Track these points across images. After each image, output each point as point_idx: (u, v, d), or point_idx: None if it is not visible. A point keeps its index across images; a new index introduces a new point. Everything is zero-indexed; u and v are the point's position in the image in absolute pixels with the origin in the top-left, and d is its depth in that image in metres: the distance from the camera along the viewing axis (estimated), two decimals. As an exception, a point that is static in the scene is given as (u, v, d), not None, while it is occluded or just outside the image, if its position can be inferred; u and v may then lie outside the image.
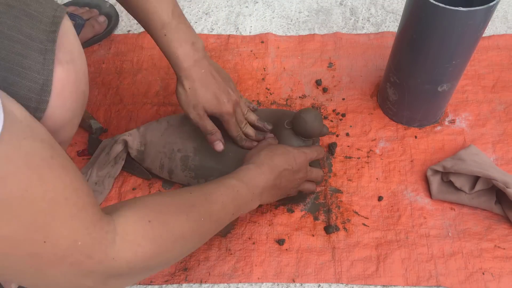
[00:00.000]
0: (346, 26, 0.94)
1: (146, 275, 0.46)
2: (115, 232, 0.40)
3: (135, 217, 0.43)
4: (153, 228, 0.43)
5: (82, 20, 0.88)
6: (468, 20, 0.58)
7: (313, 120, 0.66)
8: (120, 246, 0.40)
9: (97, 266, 0.38)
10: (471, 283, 0.63)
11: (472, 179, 0.68)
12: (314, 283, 0.65)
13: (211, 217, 0.51)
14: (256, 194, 0.58)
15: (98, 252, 0.38)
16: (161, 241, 0.44)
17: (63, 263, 0.36)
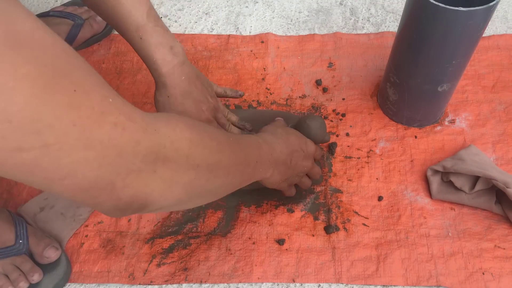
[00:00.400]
0: (346, 26, 0.94)
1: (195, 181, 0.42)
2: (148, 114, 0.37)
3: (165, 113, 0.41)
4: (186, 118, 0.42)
5: (81, 20, 0.88)
6: (468, 20, 0.58)
7: (318, 127, 0.67)
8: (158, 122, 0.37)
9: (142, 134, 0.35)
10: (471, 283, 0.63)
11: (472, 179, 0.68)
12: (314, 283, 0.65)
13: (240, 145, 0.50)
14: (273, 158, 0.57)
15: (138, 117, 0.35)
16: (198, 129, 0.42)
17: (104, 120, 0.32)
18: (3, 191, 0.73)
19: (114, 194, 0.35)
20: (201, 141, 0.42)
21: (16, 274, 0.63)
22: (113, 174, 0.34)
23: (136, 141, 0.35)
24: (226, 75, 0.86)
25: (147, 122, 0.36)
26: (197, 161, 0.41)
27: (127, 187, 0.35)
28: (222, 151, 0.46)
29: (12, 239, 0.64)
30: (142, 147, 0.35)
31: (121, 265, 0.66)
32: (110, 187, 0.34)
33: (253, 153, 0.53)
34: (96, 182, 0.33)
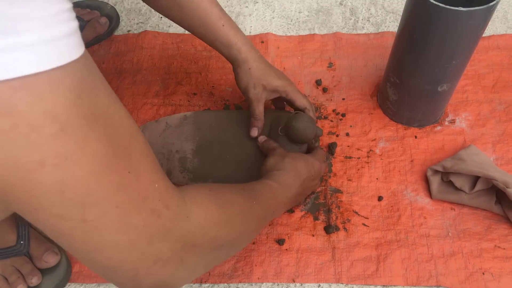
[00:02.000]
0: (346, 26, 0.94)
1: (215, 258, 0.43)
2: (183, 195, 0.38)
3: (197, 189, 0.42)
4: (216, 195, 0.43)
5: (83, 22, 0.89)
6: (468, 20, 0.58)
7: (305, 127, 0.66)
8: (190, 206, 0.38)
9: (174, 223, 0.35)
10: (471, 283, 0.63)
11: (472, 179, 0.68)
12: (314, 283, 0.65)
13: (261, 203, 0.51)
14: (289, 198, 0.59)
15: (174, 203, 0.36)
16: (225, 208, 0.43)
17: (144, 206, 0.32)
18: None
19: (136, 281, 0.35)
20: (229, 221, 0.43)
21: (15, 276, 0.63)
22: (139, 261, 0.34)
23: (167, 229, 0.35)
24: (226, 75, 0.86)
25: (181, 209, 0.36)
26: (221, 242, 0.42)
27: (152, 275, 0.35)
28: (246, 223, 0.47)
29: (14, 240, 0.64)
30: (172, 235, 0.35)
31: (121, 265, 0.66)
32: (133, 273, 0.34)
33: (271, 206, 0.55)
34: (120, 265, 0.33)
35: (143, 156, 0.33)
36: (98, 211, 0.30)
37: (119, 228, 0.31)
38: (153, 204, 0.33)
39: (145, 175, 0.33)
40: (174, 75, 0.87)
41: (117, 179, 0.30)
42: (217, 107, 0.82)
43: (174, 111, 0.82)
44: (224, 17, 0.65)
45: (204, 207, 0.40)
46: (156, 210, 0.33)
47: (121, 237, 0.32)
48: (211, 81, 0.86)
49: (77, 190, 0.28)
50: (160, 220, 0.34)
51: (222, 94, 0.84)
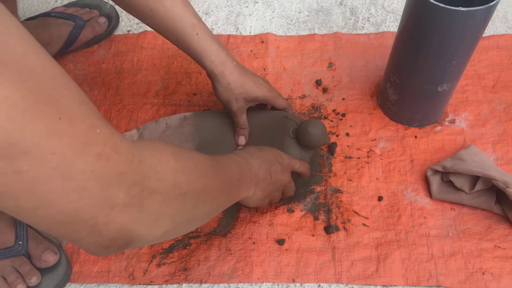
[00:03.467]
0: (346, 26, 0.94)
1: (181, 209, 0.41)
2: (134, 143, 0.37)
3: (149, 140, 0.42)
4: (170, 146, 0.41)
5: (82, 21, 0.89)
6: (468, 20, 0.58)
7: (320, 134, 0.67)
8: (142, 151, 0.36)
9: (126, 166, 0.34)
10: (471, 283, 0.63)
11: (472, 179, 0.68)
12: (314, 283, 0.65)
13: (223, 165, 0.51)
14: (253, 174, 0.57)
15: (123, 148, 0.34)
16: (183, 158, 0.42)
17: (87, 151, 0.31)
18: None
19: (97, 231, 0.33)
20: (186, 168, 0.42)
21: (14, 276, 0.63)
22: (95, 208, 0.32)
23: (120, 173, 0.33)
24: (226, 75, 0.86)
25: (133, 153, 0.35)
26: (183, 190, 0.41)
27: (112, 222, 0.33)
28: (207, 176, 0.46)
29: (12, 240, 0.64)
30: (126, 179, 0.34)
31: (121, 265, 0.66)
32: (92, 223, 0.32)
33: (235, 172, 0.53)
34: (76, 215, 0.31)
35: (77, 103, 0.31)
36: (32, 159, 0.28)
37: (63, 175, 0.29)
38: (98, 149, 0.31)
39: (82, 121, 0.31)
40: (174, 75, 0.87)
41: (45, 126, 0.28)
42: (217, 107, 0.82)
43: (174, 111, 0.82)
44: (198, 24, 0.63)
45: (158, 153, 0.39)
46: (103, 154, 0.32)
47: (68, 184, 0.30)
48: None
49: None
50: (110, 164, 0.32)
51: (222, 94, 0.84)
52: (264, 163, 0.60)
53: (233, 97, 0.67)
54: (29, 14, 0.98)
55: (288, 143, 0.69)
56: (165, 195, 0.38)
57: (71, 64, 0.89)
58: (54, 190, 0.30)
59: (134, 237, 0.36)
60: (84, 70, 0.88)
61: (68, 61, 0.89)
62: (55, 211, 0.31)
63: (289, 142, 0.69)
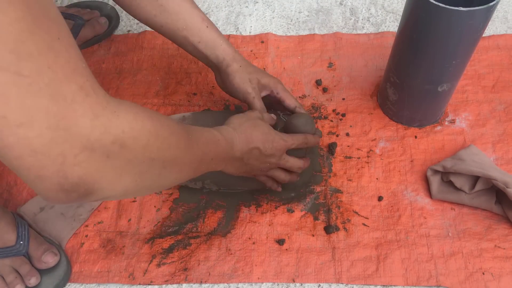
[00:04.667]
0: (346, 26, 0.94)
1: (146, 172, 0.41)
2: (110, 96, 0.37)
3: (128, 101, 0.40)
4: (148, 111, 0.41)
5: (82, 21, 0.89)
6: (468, 20, 0.58)
7: (304, 124, 0.65)
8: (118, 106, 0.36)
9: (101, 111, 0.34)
10: (471, 283, 0.63)
11: (472, 179, 0.68)
12: (314, 283, 0.65)
13: (197, 141, 0.49)
14: (229, 156, 0.56)
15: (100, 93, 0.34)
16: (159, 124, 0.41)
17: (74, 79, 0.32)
18: (3, 191, 0.73)
19: (62, 170, 0.33)
20: (161, 134, 0.41)
21: (13, 276, 0.63)
22: (66, 144, 0.32)
23: (95, 114, 0.33)
24: (226, 75, 0.86)
25: (108, 101, 0.35)
26: (153, 155, 0.40)
27: (77, 165, 0.33)
28: (180, 148, 0.45)
29: (13, 240, 0.64)
30: (99, 123, 0.34)
31: (121, 265, 0.66)
32: (61, 160, 0.32)
33: (210, 151, 0.52)
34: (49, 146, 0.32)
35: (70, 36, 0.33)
36: (32, 65, 0.29)
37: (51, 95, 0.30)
38: (82, 80, 0.32)
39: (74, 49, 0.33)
40: (174, 75, 0.87)
41: (48, 38, 0.30)
42: (217, 107, 0.82)
43: (174, 111, 0.82)
44: (207, 19, 0.65)
45: (134, 112, 0.38)
46: (84, 88, 0.33)
47: (52, 107, 0.31)
48: (211, 81, 0.86)
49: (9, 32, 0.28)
50: (88, 100, 0.33)
51: (222, 94, 0.84)
52: (246, 145, 0.57)
53: (246, 78, 0.66)
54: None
55: None
56: (134, 154, 0.38)
57: (71, 64, 0.89)
58: (41, 108, 0.30)
59: (95, 187, 0.36)
60: (84, 70, 0.88)
61: (68, 61, 0.89)
62: (35, 134, 0.31)
63: None
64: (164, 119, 0.44)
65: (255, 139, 0.58)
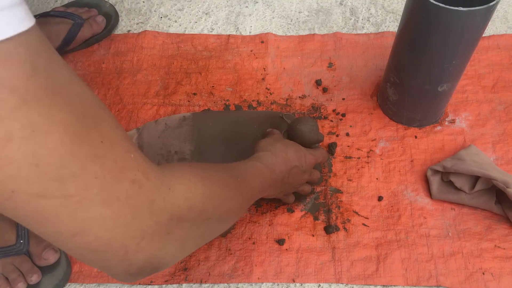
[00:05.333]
0: (346, 26, 0.94)
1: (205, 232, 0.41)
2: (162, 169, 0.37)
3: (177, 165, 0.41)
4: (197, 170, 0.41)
5: (81, 20, 0.88)
6: (468, 20, 0.58)
7: (310, 131, 0.66)
8: (170, 178, 0.37)
9: (156, 194, 0.34)
10: (471, 283, 0.63)
11: (472, 179, 0.68)
12: (314, 283, 0.65)
13: (246, 181, 0.50)
14: (273, 180, 0.57)
15: (153, 174, 0.34)
16: (210, 183, 0.41)
17: (124, 176, 0.32)
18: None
19: (127, 260, 0.34)
20: (214, 193, 0.42)
21: (15, 274, 0.63)
22: (127, 237, 0.33)
23: (150, 201, 0.34)
24: (226, 75, 0.86)
25: (162, 180, 0.35)
26: (209, 215, 0.41)
27: (141, 251, 0.34)
28: (232, 198, 0.46)
29: (13, 239, 0.64)
30: (156, 207, 0.34)
31: (121, 265, 0.66)
32: (123, 252, 0.33)
33: (256, 185, 0.53)
34: (109, 244, 0.32)
35: (113, 127, 0.33)
36: (78, 183, 0.29)
37: (103, 201, 0.31)
38: (132, 174, 0.32)
39: (119, 145, 0.32)
40: (174, 75, 0.87)
41: (91, 149, 0.30)
42: (217, 107, 0.82)
43: (174, 111, 0.82)
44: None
45: (186, 179, 0.39)
46: (137, 180, 0.33)
47: (106, 211, 0.31)
48: (211, 81, 0.86)
49: (51, 162, 0.28)
50: (142, 191, 0.33)
51: (222, 94, 0.84)
52: (285, 166, 0.59)
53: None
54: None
55: None
56: (192, 221, 0.39)
57: (71, 64, 0.89)
58: (94, 217, 0.31)
59: (161, 264, 0.37)
60: (84, 70, 0.88)
61: (68, 60, 0.89)
62: (92, 238, 0.31)
63: None
64: (214, 174, 0.44)
65: (291, 158, 0.60)
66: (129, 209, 0.32)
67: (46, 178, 0.28)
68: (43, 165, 0.28)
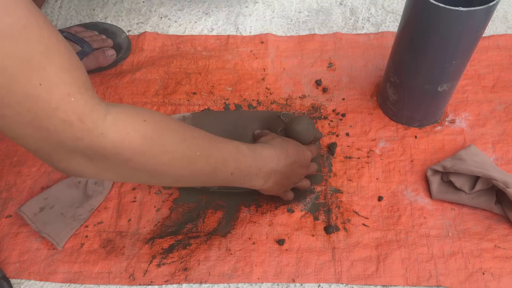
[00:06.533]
0: (346, 26, 0.94)
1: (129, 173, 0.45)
2: (108, 111, 0.40)
3: (132, 112, 0.43)
4: (145, 128, 0.43)
5: (89, 49, 0.85)
6: (468, 20, 0.58)
7: (305, 130, 0.67)
8: (110, 125, 0.40)
9: (86, 134, 0.38)
10: (471, 283, 0.63)
11: (472, 179, 0.68)
12: (314, 283, 0.65)
13: (208, 158, 0.50)
14: (263, 172, 0.57)
15: (89, 119, 0.38)
16: (151, 143, 0.43)
17: (56, 116, 0.36)
18: (3, 190, 0.73)
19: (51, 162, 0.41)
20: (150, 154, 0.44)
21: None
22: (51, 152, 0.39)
23: (77, 138, 0.38)
24: (226, 75, 0.86)
25: (97, 125, 0.39)
26: (137, 166, 0.44)
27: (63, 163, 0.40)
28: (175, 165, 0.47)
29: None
30: (82, 143, 0.39)
31: (121, 266, 0.66)
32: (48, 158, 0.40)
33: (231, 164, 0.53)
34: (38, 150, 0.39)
35: (63, 71, 0.36)
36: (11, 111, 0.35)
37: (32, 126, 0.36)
38: (65, 115, 0.37)
39: (59, 88, 0.36)
40: (174, 75, 0.87)
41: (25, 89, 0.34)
42: (217, 106, 0.82)
43: (174, 110, 0.82)
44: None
45: (125, 132, 0.41)
46: (68, 120, 0.37)
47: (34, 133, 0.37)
48: (211, 81, 0.86)
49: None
50: (72, 130, 0.38)
51: (222, 93, 0.84)
52: (286, 160, 0.60)
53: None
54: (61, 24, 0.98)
55: None
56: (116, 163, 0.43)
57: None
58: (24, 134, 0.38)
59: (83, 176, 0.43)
60: (84, 70, 0.87)
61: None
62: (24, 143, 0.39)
63: None
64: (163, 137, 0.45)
65: (292, 153, 0.61)
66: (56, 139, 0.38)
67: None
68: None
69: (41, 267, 0.66)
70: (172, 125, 0.47)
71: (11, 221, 0.70)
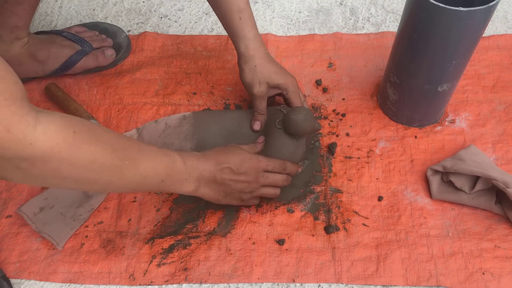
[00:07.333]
0: (346, 26, 0.94)
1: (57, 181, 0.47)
2: (38, 121, 0.41)
3: (62, 122, 0.44)
4: (75, 139, 0.45)
5: (89, 48, 0.86)
6: (468, 20, 0.58)
7: (303, 120, 0.65)
8: (39, 135, 0.41)
9: (14, 144, 0.40)
10: (471, 283, 0.63)
11: (472, 179, 0.68)
12: (314, 283, 0.65)
13: (137, 167, 0.52)
14: (193, 176, 0.59)
15: (17, 129, 0.39)
16: (79, 154, 0.45)
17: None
18: (3, 190, 0.73)
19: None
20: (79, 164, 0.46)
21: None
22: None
23: (4, 147, 0.39)
24: (226, 75, 0.86)
25: (26, 135, 0.40)
26: (64, 175, 0.45)
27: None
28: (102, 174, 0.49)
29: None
30: (9, 153, 0.40)
31: (121, 266, 0.66)
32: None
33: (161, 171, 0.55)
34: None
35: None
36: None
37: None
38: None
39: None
40: (174, 75, 0.87)
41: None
42: (217, 106, 0.82)
43: (174, 110, 0.82)
44: (244, 10, 0.68)
45: (55, 142, 0.43)
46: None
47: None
48: (211, 81, 0.86)
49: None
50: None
51: (222, 93, 0.84)
52: (215, 166, 0.60)
53: (256, 80, 0.70)
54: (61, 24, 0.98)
55: (276, 134, 0.68)
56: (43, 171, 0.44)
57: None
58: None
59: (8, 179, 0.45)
60: (84, 70, 0.88)
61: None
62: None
63: (277, 133, 0.68)
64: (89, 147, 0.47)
65: (223, 159, 0.61)
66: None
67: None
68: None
69: (41, 267, 0.66)
70: (102, 136, 0.49)
71: (11, 221, 0.70)
